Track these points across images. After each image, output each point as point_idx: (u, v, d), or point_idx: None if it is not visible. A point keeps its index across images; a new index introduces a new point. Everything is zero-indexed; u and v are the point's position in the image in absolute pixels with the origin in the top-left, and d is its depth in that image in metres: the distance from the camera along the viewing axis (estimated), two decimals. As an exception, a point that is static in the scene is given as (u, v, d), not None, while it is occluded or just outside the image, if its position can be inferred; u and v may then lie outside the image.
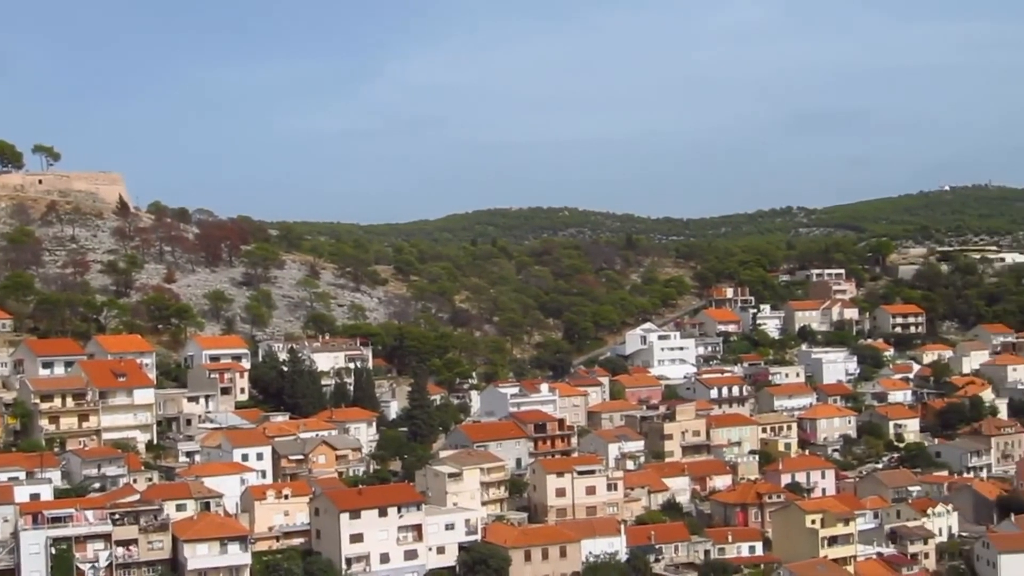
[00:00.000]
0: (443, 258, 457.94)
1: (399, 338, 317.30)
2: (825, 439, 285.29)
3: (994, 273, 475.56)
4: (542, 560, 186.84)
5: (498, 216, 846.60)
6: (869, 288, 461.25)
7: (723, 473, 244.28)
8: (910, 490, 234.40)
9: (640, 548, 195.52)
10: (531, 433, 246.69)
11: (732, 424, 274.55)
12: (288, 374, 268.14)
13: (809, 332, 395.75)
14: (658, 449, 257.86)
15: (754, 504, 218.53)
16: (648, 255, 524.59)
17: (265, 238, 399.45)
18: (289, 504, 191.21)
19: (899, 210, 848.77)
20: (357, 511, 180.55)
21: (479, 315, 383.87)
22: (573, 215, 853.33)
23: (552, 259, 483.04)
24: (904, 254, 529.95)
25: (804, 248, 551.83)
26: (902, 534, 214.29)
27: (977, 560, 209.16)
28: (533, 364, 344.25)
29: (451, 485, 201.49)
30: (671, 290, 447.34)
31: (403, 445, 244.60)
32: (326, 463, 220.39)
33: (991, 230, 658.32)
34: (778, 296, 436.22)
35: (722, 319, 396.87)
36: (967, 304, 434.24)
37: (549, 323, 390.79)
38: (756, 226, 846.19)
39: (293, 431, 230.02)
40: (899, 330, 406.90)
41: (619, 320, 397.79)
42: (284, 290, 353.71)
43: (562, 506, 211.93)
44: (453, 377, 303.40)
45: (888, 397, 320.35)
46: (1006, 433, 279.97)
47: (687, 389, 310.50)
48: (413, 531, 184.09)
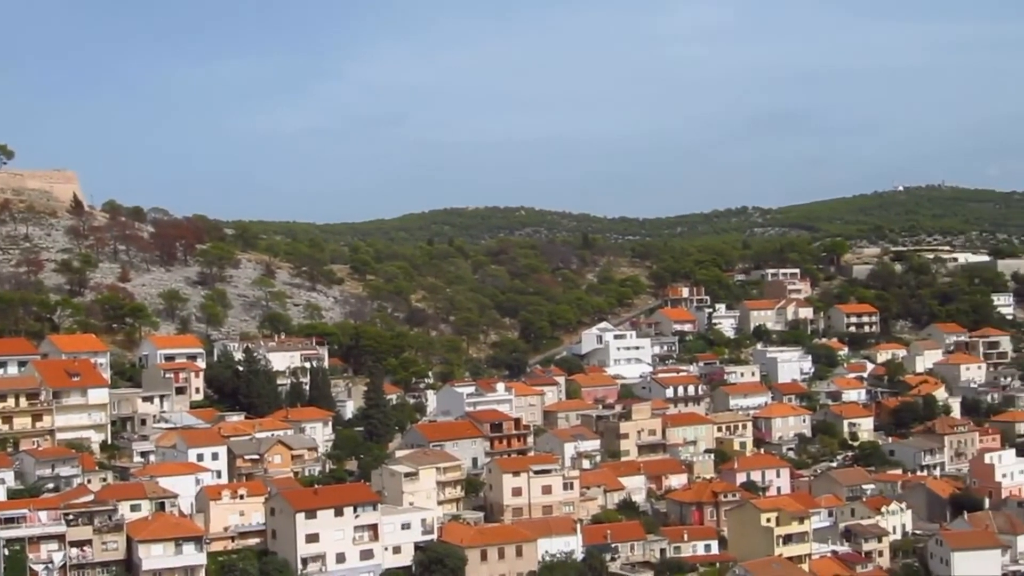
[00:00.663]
0: (399, 257, 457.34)
1: (355, 337, 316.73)
2: (780, 438, 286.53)
3: (947, 273, 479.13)
4: (498, 559, 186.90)
5: (455, 216, 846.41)
6: (823, 288, 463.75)
7: (679, 472, 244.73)
8: (864, 488, 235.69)
9: (596, 547, 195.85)
10: (487, 432, 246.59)
11: (688, 423, 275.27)
12: (243, 374, 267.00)
13: (764, 331, 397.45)
14: (614, 448, 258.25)
15: (709, 503, 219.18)
16: (604, 255, 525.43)
17: (221, 237, 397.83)
18: (244, 504, 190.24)
19: (853, 210, 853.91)
20: (313, 511, 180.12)
21: (435, 314, 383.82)
22: (530, 215, 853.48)
23: (508, 258, 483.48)
24: (858, 254, 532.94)
25: (759, 248, 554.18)
26: (856, 532, 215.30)
27: (931, 558, 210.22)
28: (489, 363, 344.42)
29: (407, 485, 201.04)
30: (627, 289, 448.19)
31: (359, 445, 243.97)
32: (282, 463, 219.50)
33: (944, 230, 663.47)
34: (733, 296, 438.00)
35: (678, 318, 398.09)
36: (920, 304, 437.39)
37: (505, 322, 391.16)
38: (712, 226, 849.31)
39: (248, 431, 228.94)
40: (853, 329, 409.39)
41: (575, 319, 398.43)
42: (240, 289, 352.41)
43: (518, 505, 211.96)
44: (409, 376, 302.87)
45: (842, 396, 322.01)
46: (959, 432, 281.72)
47: (643, 388, 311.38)
48: (369, 531, 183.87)
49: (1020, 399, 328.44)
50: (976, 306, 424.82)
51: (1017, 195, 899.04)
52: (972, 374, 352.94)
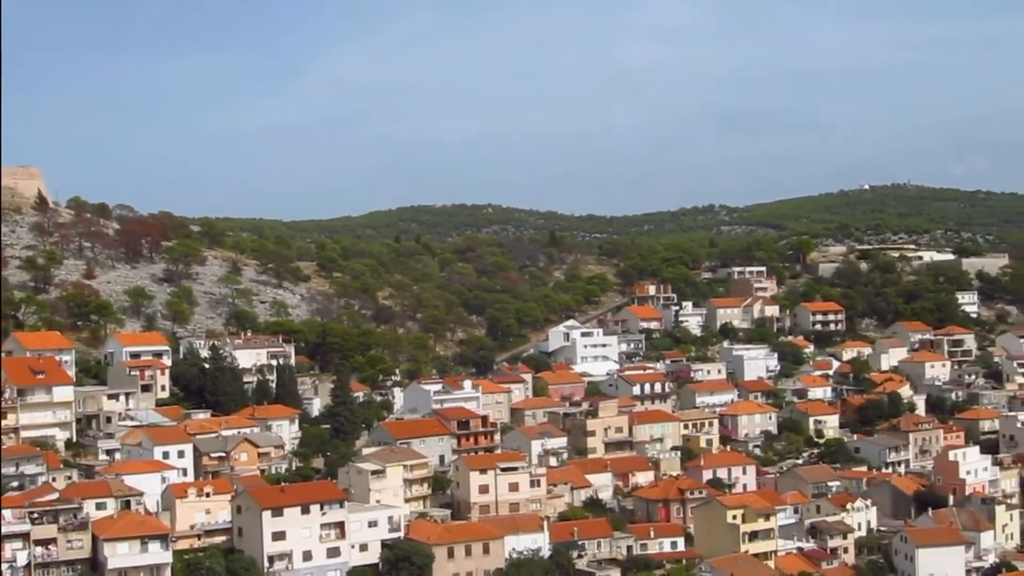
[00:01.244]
0: (366, 255, 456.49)
1: (322, 335, 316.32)
2: (746, 435, 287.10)
3: (912, 271, 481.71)
4: (465, 557, 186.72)
5: (422, 213, 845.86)
6: (790, 286, 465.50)
7: (645, 469, 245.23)
8: (829, 485, 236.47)
9: (563, 544, 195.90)
10: (454, 430, 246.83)
11: (654, 420, 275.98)
12: (210, 371, 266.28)
13: (730, 329, 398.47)
14: (581, 445, 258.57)
15: (676, 500, 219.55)
16: (571, 252, 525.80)
17: (187, 234, 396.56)
18: (211, 502, 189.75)
19: (819, 209, 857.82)
20: (279, 509, 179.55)
21: (402, 312, 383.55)
22: (497, 212, 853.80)
23: (476, 256, 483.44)
24: (824, 252, 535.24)
25: (726, 246, 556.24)
26: (822, 529, 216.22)
27: (895, 554, 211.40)
28: (456, 361, 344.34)
29: (374, 482, 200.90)
30: (594, 287, 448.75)
31: (326, 442, 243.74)
32: (248, 461, 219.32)
33: (910, 229, 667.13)
34: (700, 293, 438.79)
35: (644, 316, 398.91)
36: (886, 302, 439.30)
37: (472, 320, 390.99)
38: (679, 224, 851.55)
39: (215, 429, 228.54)
40: (819, 327, 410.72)
41: (542, 317, 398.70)
42: (206, 287, 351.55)
43: (485, 503, 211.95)
44: (376, 374, 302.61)
45: (808, 394, 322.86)
46: (924, 429, 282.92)
47: (610, 386, 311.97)
48: (336, 528, 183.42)
49: (984, 397, 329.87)
50: (941, 304, 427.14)
51: (982, 194, 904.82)
52: (937, 372, 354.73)
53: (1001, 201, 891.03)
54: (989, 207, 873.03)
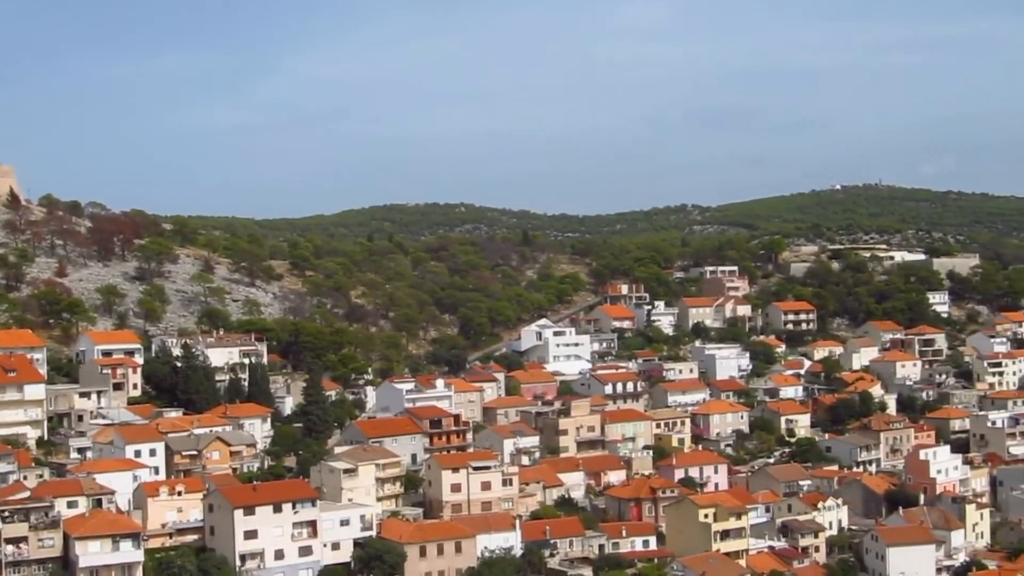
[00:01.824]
0: (339, 253, 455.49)
1: (294, 333, 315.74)
2: (718, 434, 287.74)
3: (883, 271, 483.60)
4: (437, 555, 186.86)
5: (394, 212, 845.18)
6: (761, 285, 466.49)
7: (617, 468, 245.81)
8: (801, 484, 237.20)
9: (535, 543, 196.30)
10: (426, 429, 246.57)
11: (626, 419, 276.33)
12: (182, 369, 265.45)
13: (702, 328, 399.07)
14: (553, 444, 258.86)
15: (648, 499, 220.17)
16: (544, 251, 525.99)
17: (159, 232, 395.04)
18: (182, 501, 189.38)
19: (791, 208, 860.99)
20: (251, 507, 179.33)
21: (375, 311, 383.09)
22: (469, 211, 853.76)
23: (448, 255, 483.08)
24: (796, 252, 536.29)
25: (698, 245, 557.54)
26: (793, 528, 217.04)
27: (866, 553, 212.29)
28: (429, 360, 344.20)
29: (346, 481, 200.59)
30: (567, 286, 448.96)
31: (298, 441, 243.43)
32: (220, 459, 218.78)
33: (881, 229, 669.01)
34: (672, 293, 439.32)
35: (617, 315, 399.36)
36: (857, 301, 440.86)
37: (445, 319, 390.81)
38: (651, 223, 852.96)
39: (186, 427, 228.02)
40: (791, 327, 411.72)
41: (515, 316, 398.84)
42: (178, 285, 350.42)
43: (457, 501, 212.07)
44: (348, 373, 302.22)
45: (780, 393, 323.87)
46: (894, 428, 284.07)
47: (582, 385, 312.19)
48: (308, 527, 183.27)
49: (955, 396, 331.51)
50: (912, 304, 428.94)
51: (953, 194, 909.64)
52: (908, 371, 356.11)
53: (972, 201, 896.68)
54: (960, 207, 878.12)
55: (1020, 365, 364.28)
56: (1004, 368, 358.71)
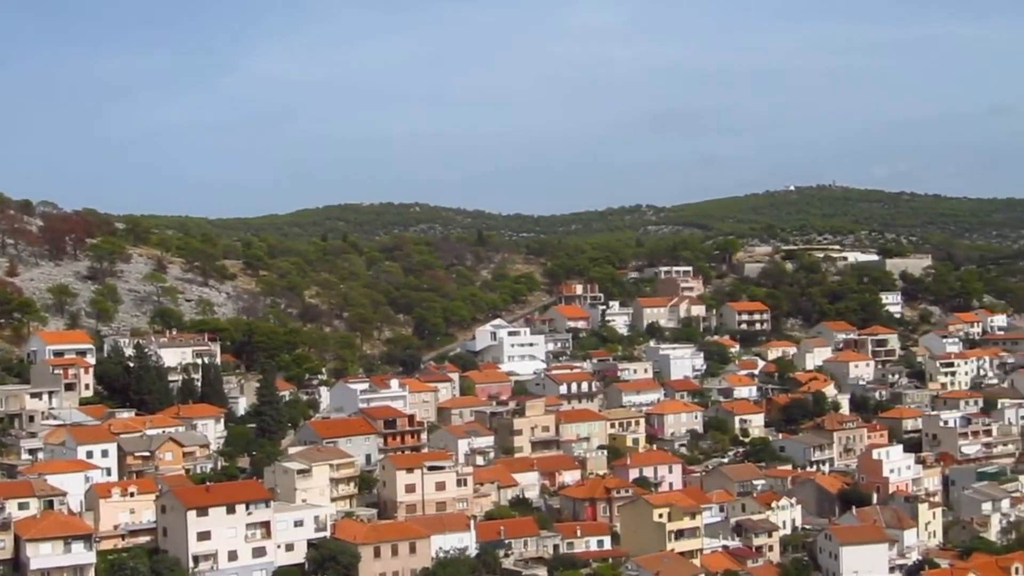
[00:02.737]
0: (293, 253, 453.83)
1: (248, 333, 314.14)
2: (672, 434, 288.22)
3: (837, 272, 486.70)
4: (392, 556, 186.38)
5: (349, 211, 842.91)
6: (716, 285, 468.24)
7: (572, 468, 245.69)
8: (755, 484, 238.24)
9: (489, 543, 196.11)
10: (381, 429, 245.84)
11: (581, 419, 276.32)
12: (134, 370, 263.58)
13: (657, 328, 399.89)
14: (508, 444, 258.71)
15: (602, 499, 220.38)
16: (499, 251, 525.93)
17: (111, 231, 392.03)
18: (135, 502, 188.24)
19: (745, 209, 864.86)
20: (204, 508, 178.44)
21: (329, 311, 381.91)
22: (424, 211, 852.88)
23: (403, 255, 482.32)
24: (750, 252, 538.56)
25: (653, 246, 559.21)
26: (747, 527, 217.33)
27: (820, 552, 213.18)
28: (383, 360, 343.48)
29: (300, 482, 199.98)
30: (521, 286, 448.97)
31: (251, 441, 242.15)
32: (173, 460, 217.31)
33: (834, 229, 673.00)
34: (627, 293, 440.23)
35: (572, 315, 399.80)
36: (810, 302, 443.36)
37: (399, 319, 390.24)
38: (606, 223, 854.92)
39: (139, 428, 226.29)
40: (745, 327, 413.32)
41: (469, 316, 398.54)
42: (130, 284, 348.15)
43: (412, 502, 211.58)
44: (302, 373, 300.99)
45: (734, 393, 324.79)
46: (848, 428, 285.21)
47: (537, 385, 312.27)
48: (261, 528, 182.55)
49: (907, 396, 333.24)
50: (865, 304, 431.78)
51: (905, 196, 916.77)
52: (861, 371, 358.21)
53: (924, 203, 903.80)
54: (912, 208, 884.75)
55: (972, 365, 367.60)
56: (956, 368, 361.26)
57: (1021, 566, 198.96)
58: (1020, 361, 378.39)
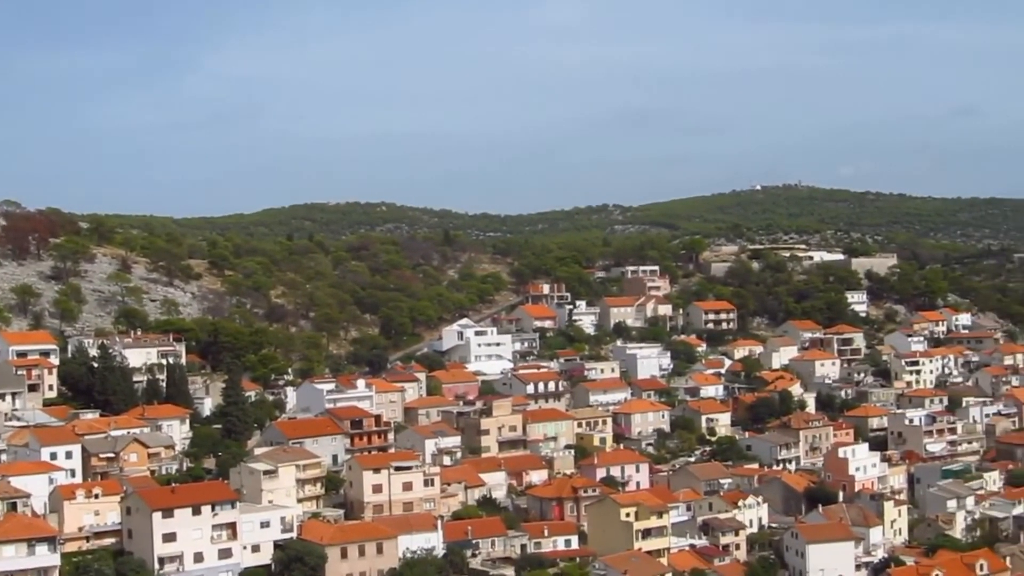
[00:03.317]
0: (259, 253, 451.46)
1: (213, 334, 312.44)
2: (639, 433, 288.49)
3: (803, 271, 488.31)
4: (359, 557, 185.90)
5: (315, 211, 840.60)
6: (682, 285, 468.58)
7: (539, 468, 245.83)
8: (722, 483, 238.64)
9: (457, 543, 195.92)
10: (347, 429, 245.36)
11: (548, 419, 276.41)
12: (98, 370, 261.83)
13: (624, 328, 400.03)
14: (475, 444, 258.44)
15: (570, 498, 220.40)
16: (465, 251, 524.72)
17: (75, 231, 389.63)
18: (100, 504, 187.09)
19: (712, 208, 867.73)
20: (170, 510, 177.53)
21: (295, 310, 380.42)
22: (390, 210, 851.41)
23: (369, 254, 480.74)
24: (716, 252, 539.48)
25: (619, 245, 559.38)
26: (714, 526, 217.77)
27: (786, 550, 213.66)
28: (349, 360, 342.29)
29: (266, 482, 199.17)
30: (488, 286, 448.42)
31: (217, 442, 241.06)
32: (138, 461, 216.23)
33: (800, 229, 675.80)
34: (594, 292, 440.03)
35: (538, 315, 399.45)
36: (777, 301, 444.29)
37: (366, 319, 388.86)
38: (573, 223, 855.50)
39: (103, 429, 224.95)
40: (711, 326, 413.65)
41: (436, 316, 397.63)
42: (95, 284, 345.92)
43: (379, 502, 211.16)
44: (268, 373, 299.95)
45: (700, 392, 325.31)
46: (814, 426, 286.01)
47: (504, 384, 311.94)
48: (227, 529, 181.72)
49: (873, 395, 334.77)
50: (831, 303, 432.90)
51: (871, 195, 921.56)
52: (827, 370, 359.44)
53: (889, 202, 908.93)
54: (878, 208, 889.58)
55: (937, 364, 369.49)
56: (921, 367, 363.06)
57: (986, 563, 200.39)
58: (984, 360, 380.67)
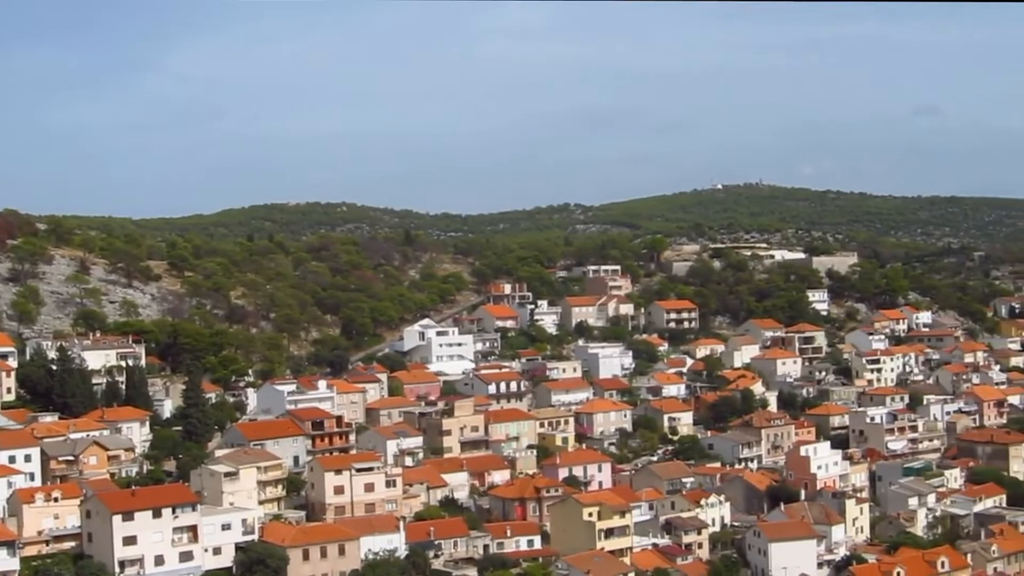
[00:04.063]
0: (219, 253, 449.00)
1: (173, 335, 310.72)
2: (601, 433, 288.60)
3: (764, 270, 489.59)
4: (320, 559, 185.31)
5: (275, 211, 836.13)
6: (644, 284, 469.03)
7: (501, 468, 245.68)
8: (684, 482, 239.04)
9: (419, 544, 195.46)
10: (308, 431, 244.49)
11: (510, 419, 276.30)
12: (57, 373, 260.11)
13: (586, 327, 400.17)
14: (437, 445, 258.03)
15: (532, 498, 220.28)
16: (427, 251, 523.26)
17: (33, 232, 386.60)
18: (59, 507, 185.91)
19: (673, 208, 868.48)
20: (130, 513, 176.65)
21: (255, 311, 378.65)
22: (351, 211, 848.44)
23: (330, 255, 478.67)
24: (678, 251, 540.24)
25: (581, 245, 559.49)
26: (676, 525, 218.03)
27: (748, 549, 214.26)
28: (310, 361, 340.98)
29: (227, 485, 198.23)
30: (449, 286, 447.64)
31: (177, 444, 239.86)
32: (98, 464, 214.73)
33: (761, 228, 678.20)
34: (555, 292, 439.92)
35: (500, 315, 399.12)
36: (738, 300, 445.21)
37: (327, 319, 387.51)
38: (534, 223, 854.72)
39: (63, 432, 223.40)
40: (673, 325, 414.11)
41: (397, 316, 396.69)
42: (53, 286, 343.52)
43: (341, 504, 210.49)
44: (229, 375, 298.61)
45: (662, 391, 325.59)
46: (775, 425, 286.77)
47: (465, 385, 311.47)
48: (188, 532, 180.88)
49: (834, 393, 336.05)
50: (792, 302, 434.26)
51: (832, 194, 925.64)
52: (788, 369, 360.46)
53: (850, 201, 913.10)
54: (838, 207, 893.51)
55: (898, 362, 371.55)
56: (882, 365, 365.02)
57: (947, 560, 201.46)
58: (945, 357, 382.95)
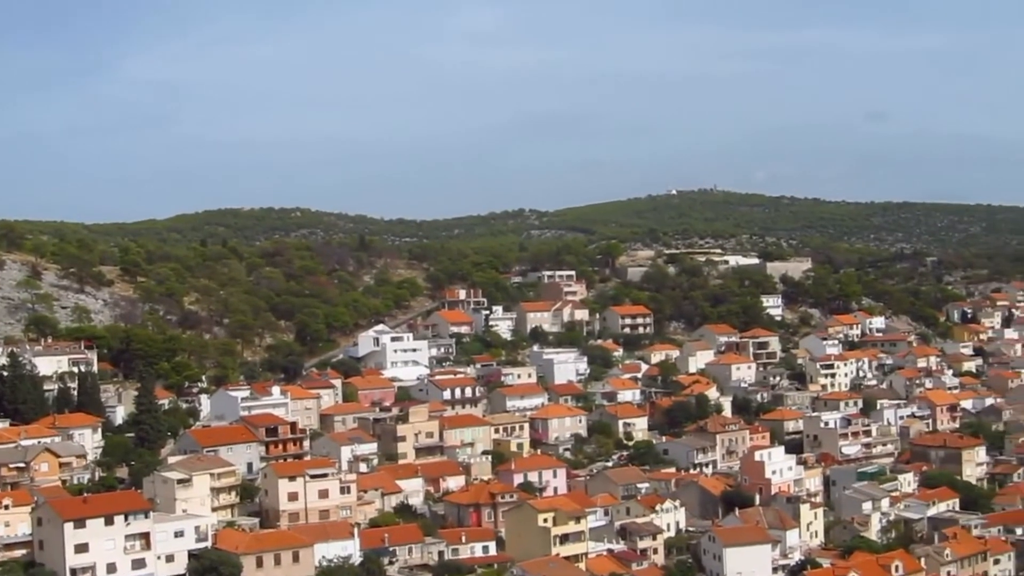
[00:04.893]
0: (172, 259, 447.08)
1: (125, 341, 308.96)
2: (557, 438, 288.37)
3: (718, 275, 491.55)
4: (274, 566, 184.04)
5: (229, 216, 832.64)
6: (599, 289, 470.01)
7: (456, 474, 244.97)
8: (639, 487, 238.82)
9: (374, 551, 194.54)
10: (262, 437, 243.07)
11: (465, 425, 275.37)
12: (8, 379, 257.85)
13: (540, 333, 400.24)
14: (391, 451, 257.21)
15: (487, 504, 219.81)
16: (381, 256, 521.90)
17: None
18: (9, 514, 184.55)
19: (628, 213, 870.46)
20: (82, 520, 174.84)
21: (209, 317, 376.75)
22: (305, 216, 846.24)
23: (284, 260, 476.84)
24: (632, 256, 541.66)
25: (536, 250, 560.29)
26: (631, 530, 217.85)
27: (704, 554, 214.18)
28: (264, 367, 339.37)
29: (180, 491, 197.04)
30: (404, 291, 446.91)
31: (130, 451, 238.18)
32: (49, 471, 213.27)
33: (716, 233, 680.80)
34: (510, 297, 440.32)
35: (455, 320, 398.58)
36: (693, 305, 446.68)
37: (280, 325, 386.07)
38: (489, 228, 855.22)
39: (13, 438, 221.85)
40: (628, 331, 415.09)
41: (352, 322, 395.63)
42: (3, 291, 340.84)
43: (295, 510, 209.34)
44: (182, 381, 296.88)
45: (617, 396, 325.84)
46: (730, 430, 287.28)
47: (420, 390, 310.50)
48: (141, 539, 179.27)
49: (788, 398, 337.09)
50: (746, 307, 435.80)
51: (785, 200, 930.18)
52: (742, 374, 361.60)
53: (804, 207, 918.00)
54: (792, 212, 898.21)
55: (851, 367, 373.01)
56: (836, 370, 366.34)
57: (901, 564, 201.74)
58: (898, 362, 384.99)
